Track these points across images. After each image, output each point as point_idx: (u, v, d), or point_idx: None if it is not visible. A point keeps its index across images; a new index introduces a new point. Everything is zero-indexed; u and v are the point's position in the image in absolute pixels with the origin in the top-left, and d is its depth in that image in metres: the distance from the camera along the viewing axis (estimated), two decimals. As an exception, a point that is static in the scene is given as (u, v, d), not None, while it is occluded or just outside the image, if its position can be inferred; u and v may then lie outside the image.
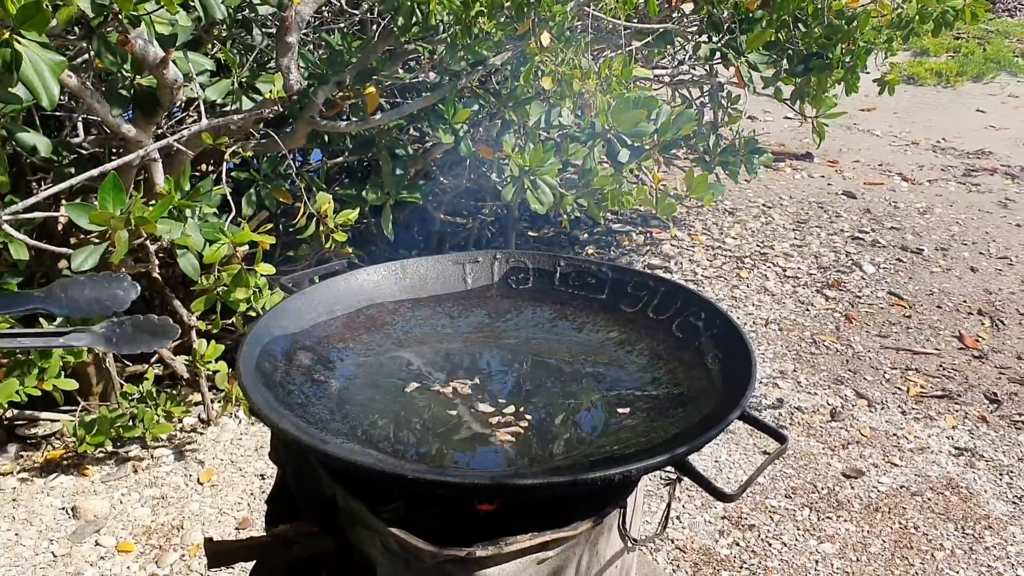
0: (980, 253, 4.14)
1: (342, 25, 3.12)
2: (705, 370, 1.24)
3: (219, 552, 1.24)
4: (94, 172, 2.20)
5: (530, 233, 4.23)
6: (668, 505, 1.22)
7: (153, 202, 2.14)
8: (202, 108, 2.25)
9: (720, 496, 1.01)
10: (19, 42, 1.62)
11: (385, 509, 1.09)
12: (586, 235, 4.27)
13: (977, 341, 3.36)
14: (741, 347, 1.21)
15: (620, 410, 1.21)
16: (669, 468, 1.05)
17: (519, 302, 1.52)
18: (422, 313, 1.48)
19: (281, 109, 2.41)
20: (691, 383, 1.23)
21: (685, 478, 1.09)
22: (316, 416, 1.15)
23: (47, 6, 1.63)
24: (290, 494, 1.24)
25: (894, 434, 2.79)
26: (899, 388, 3.05)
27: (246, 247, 2.28)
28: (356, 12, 3.11)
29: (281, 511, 1.26)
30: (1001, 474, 2.58)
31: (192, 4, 2.16)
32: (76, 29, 2.16)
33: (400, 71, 3.05)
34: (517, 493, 0.98)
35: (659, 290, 1.41)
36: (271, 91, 2.36)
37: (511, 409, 1.24)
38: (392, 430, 1.18)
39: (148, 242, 2.13)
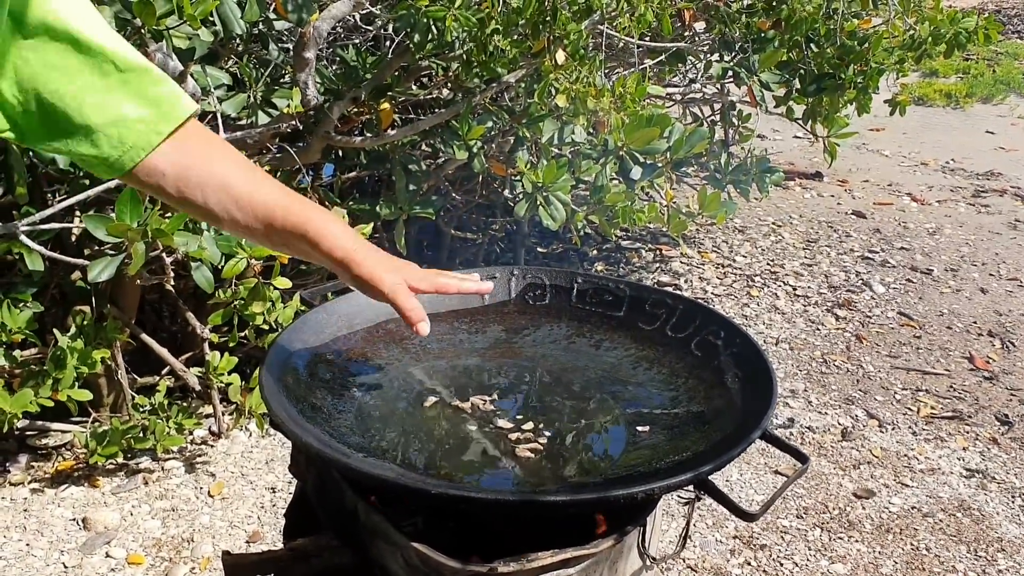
0: (990, 274, 4.13)
1: (356, 41, 3.14)
2: (725, 389, 1.24)
3: (236, 565, 1.24)
4: (111, 184, 2.21)
5: (539, 249, 4.24)
6: (687, 524, 1.22)
7: (169, 214, 2.15)
8: (219, 122, 2.26)
9: (742, 515, 1.01)
10: (43, 55, 1.63)
11: (404, 524, 1.09)
12: (595, 252, 4.27)
13: (988, 363, 3.35)
14: (761, 366, 1.21)
15: (640, 428, 1.21)
16: (689, 487, 1.05)
17: (536, 318, 1.52)
18: (440, 328, 1.48)
19: (298, 124, 2.42)
20: (711, 402, 1.23)
21: (704, 498, 1.09)
22: (337, 430, 1.15)
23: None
24: (309, 507, 1.24)
25: (905, 455, 2.78)
26: (910, 409, 3.04)
27: (262, 261, 2.29)
28: (370, 28, 3.13)
29: (299, 524, 1.27)
30: (1013, 496, 2.57)
31: (211, 18, 2.17)
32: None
33: (413, 87, 3.07)
34: (543, 510, 0.98)
35: (677, 308, 1.41)
36: (288, 106, 2.37)
37: (530, 425, 1.24)
38: (412, 444, 1.19)
39: (164, 254, 2.14)
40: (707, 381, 1.27)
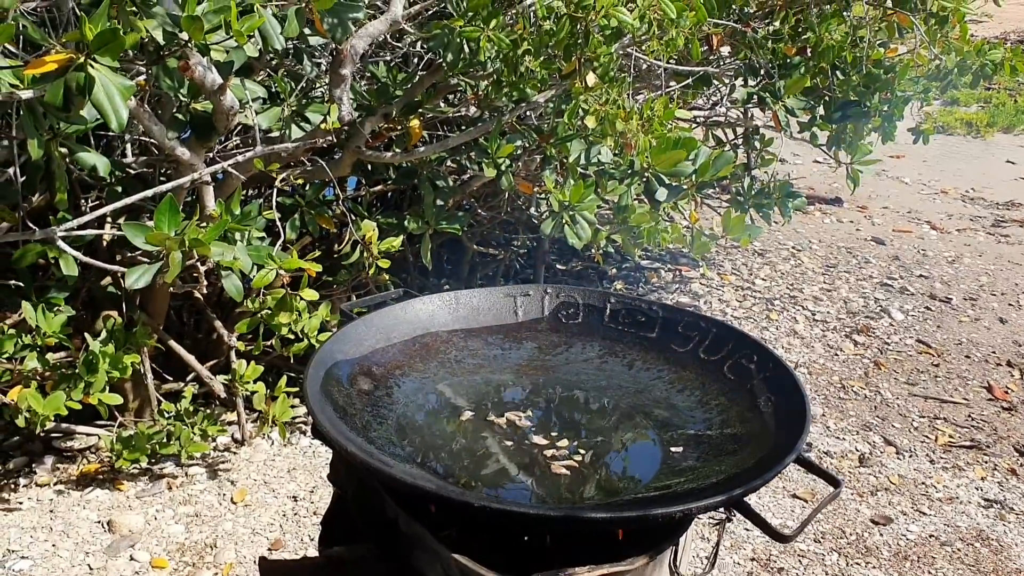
0: (1009, 304, 4.13)
1: (387, 57, 3.18)
2: (758, 413, 1.26)
3: (273, 570, 1.27)
4: (148, 193, 2.25)
5: (559, 266, 4.26)
6: (717, 545, 1.24)
7: (203, 224, 2.18)
8: (257, 134, 2.30)
9: (777, 537, 1.03)
10: (93, 66, 1.67)
11: (440, 535, 1.11)
12: (615, 270, 4.29)
13: (1006, 393, 3.35)
14: (794, 391, 1.23)
15: (673, 449, 1.23)
16: (722, 508, 1.07)
17: (569, 337, 1.54)
18: (474, 344, 1.51)
19: (333, 138, 2.46)
20: (744, 425, 1.25)
21: (734, 519, 1.11)
22: (378, 440, 1.18)
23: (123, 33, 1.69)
24: (345, 516, 1.27)
25: (923, 483, 2.78)
26: (927, 436, 3.04)
27: (290, 271, 2.32)
28: (399, 45, 3.18)
29: (336, 533, 1.29)
30: (1032, 528, 2.58)
31: (252, 32, 2.21)
32: (131, 53, 2.22)
33: (442, 104, 3.10)
34: (584, 525, 1.00)
35: (710, 331, 1.43)
36: (325, 120, 2.41)
37: (564, 443, 1.26)
38: (450, 457, 1.21)
39: (198, 263, 2.17)
40: (740, 404, 1.29)
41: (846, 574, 2.36)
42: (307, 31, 2.64)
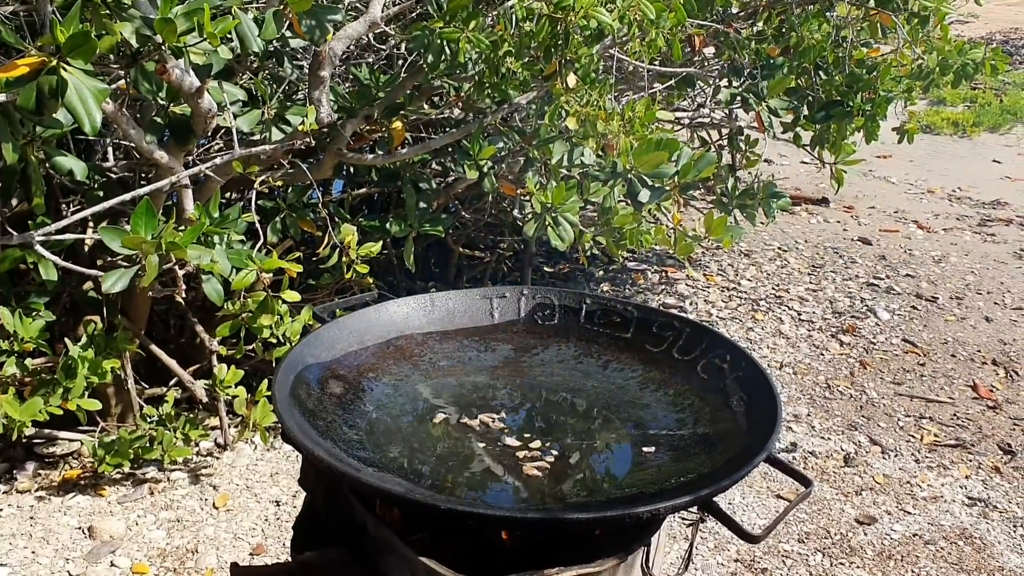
0: (995, 303, 4.14)
1: (370, 60, 3.18)
2: (730, 412, 1.26)
3: (244, 576, 1.26)
4: (126, 196, 2.24)
5: (546, 268, 4.26)
6: (691, 545, 1.24)
7: (182, 227, 2.17)
8: (235, 137, 2.29)
9: (746, 537, 1.03)
10: (65, 69, 1.66)
11: (411, 538, 1.10)
12: (602, 272, 4.29)
13: (991, 391, 3.35)
14: (766, 390, 1.23)
15: (645, 449, 1.23)
16: (694, 508, 1.07)
17: (545, 338, 1.54)
18: (449, 346, 1.50)
19: (311, 141, 2.45)
20: (716, 424, 1.24)
21: (708, 519, 1.11)
22: (348, 444, 1.17)
23: (95, 36, 1.68)
24: (317, 521, 1.26)
25: (907, 482, 2.79)
26: (913, 436, 3.05)
27: (271, 274, 2.31)
28: (383, 47, 3.17)
29: (307, 537, 1.28)
30: (1015, 526, 2.58)
31: (228, 35, 2.20)
32: (111, 56, 2.22)
33: (425, 106, 3.10)
34: (553, 527, 1.00)
35: (684, 331, 1.43)
36: (303, 123, 2.40)
37: (537, 444, 1.26)
38: (421, 460, 1.20)
39: (176, 267, 2.16)
40: (713, 404, 1.29)
41: (830, 574, 2.36)
42: (288, 33, 2.63)
